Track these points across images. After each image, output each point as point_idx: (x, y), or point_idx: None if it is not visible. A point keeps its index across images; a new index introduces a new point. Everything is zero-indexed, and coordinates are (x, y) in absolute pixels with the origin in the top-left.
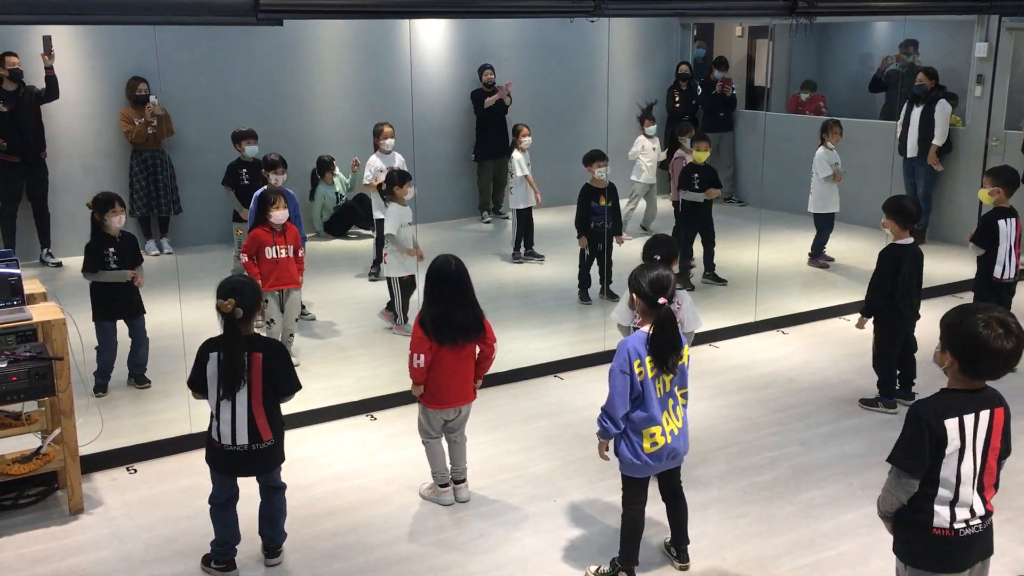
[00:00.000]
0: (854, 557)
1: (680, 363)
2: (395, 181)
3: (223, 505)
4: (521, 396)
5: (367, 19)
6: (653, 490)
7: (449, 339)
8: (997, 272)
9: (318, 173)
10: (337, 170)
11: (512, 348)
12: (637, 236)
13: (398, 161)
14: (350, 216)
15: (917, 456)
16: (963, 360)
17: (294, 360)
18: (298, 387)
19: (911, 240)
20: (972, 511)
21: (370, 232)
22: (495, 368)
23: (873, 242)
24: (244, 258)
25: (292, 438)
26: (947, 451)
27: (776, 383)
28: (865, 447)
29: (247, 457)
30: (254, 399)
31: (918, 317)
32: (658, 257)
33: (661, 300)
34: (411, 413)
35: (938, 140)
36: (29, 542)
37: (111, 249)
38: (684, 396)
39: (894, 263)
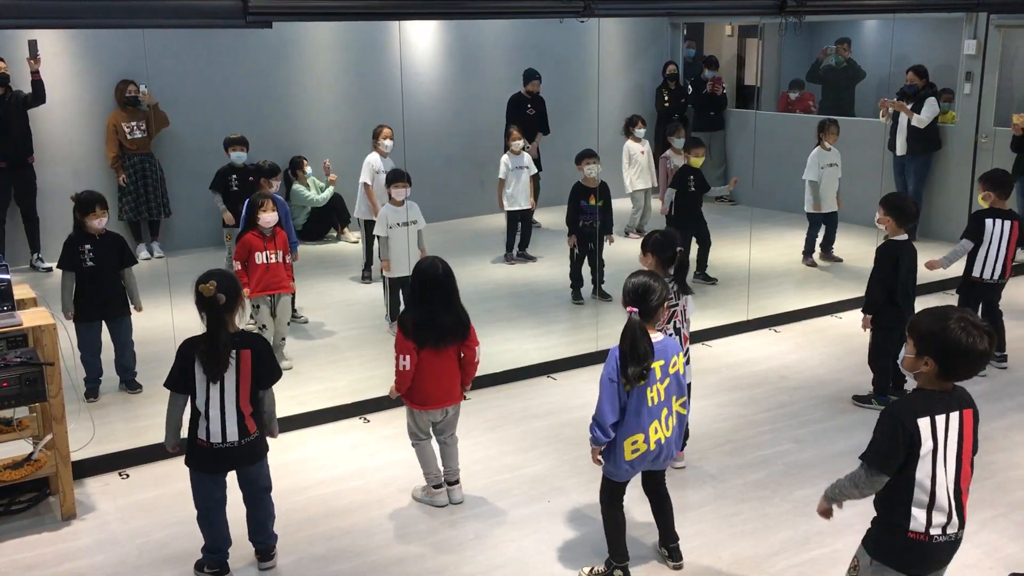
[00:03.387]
0: (849, 554)
1: (674, 371)
2: (387, 180)
3: (212, 511)
4: (515, 397)
5: (356, 21)
6: (639, 490)
7: (431, 341)
8: (977, 271)
9: (291, 173)
10: (310, 170)
11: (505, 349)
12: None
13: (390, 166)
14: (327, 219)
15: (891, 454)
16: (945, 365)
17: (287, 363)
18: (280, 374)
19: (905, 237)
20: (949, 517)
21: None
22: (488, 369)
23: (864, 240)
24: (237, 265)
25: (286, 441)
26: (921, 452)
27: (769, 381)
28: (858, 444)
29: (237, 452)
30: (242, 396)
31: (913, 313)
32: (680, 248)
33: (629, 309)
34: (404, 415)
35: (917, 122)
36: (22, 548)
37: (87, 247)
38: (683, 406)
39: (892, 259)
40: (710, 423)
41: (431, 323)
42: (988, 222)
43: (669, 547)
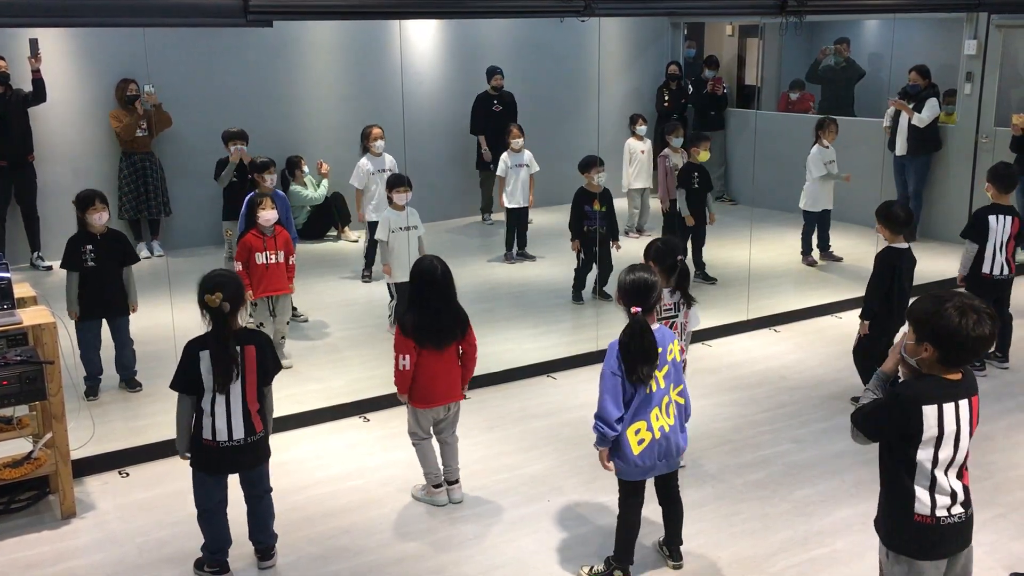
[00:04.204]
0: (848, 554)
1: (671, 358)
2: (388, 185)
3: (213, 511)
4: (514, 396)
5: (357, 20)
6: (649, 490)
7: (432, 341)
8: (986, 268)
9: (288, 174)
10: (307, 169)
11: (505, 348)
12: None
13: (388, 163)
14: (326, 218)
15: (877, 424)
16: (944, 350)
17: (287, 363)
18: (280, 368)
19: (906, 245)
20: (953, 497)
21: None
22: (488, 368)
23: (863, 239)
24: (238, 266)
25: (284, 440)
26: (923, 437)
27: (769, 381)
28: (858, 444)
29: (243, 451)
30: (248, 392)
31: (903, 321)
32: (681, 258)
33: (634, 310)
34: (404, 414)
35: (918, 121)
36: (22, 547)
37: (89, 247)
38: (681, 395)
39: (891, 266)
40: (710, 423)
41: (432, 323)
42: (991, 219)
43: (672, 548)
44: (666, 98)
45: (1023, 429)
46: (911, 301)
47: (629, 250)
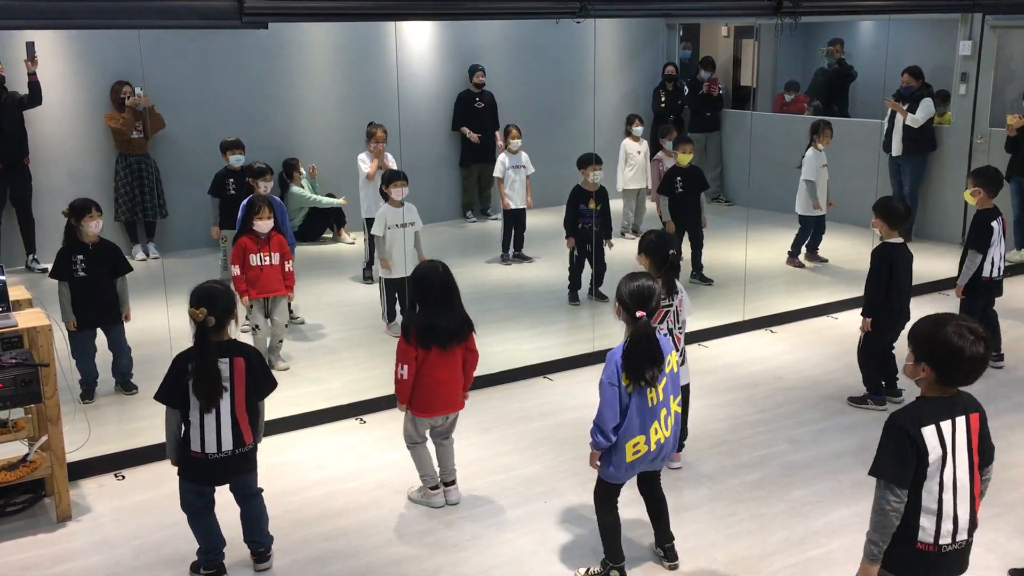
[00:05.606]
0: (844, 555)
1: (669, 370)
2: (384, 180)
3: (200, 512)
4: (511, 397)
5: (353, 21)
6: (635, 491)
7: (437, 341)
8: (986, 272)
9: (285, 176)
10: (303, 172)
11: (502, 349)
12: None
13: (389, 162)
14: (323, 220)
15: (902, 464)
16: (940, 370)
17: (284, 364)
18: (275, 384)
19: (901, 240)
20: (956, 524)
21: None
22: (485, 369)
23: (858, 240)
24: (235, 270)
25: (281, 442)
26: (930, 460)
27: (765, 382)
28: (855, 445)
29: (231, 463)
30: (237, 404)
31: (908, 317)
32: (673, 251)
33: (639, 313)
34: (401, 416)
35: (911, 122)
36: (17, 550)
37: (80, 257)
38: (679, 404)
39: (888, 261)
40: (706, 423)
41: (436, 327)
42: (994, 224)
43: (665, 547)
44: (662, 99)
45: (1018, 429)
46: (913, 321)
47: (626, 251)
